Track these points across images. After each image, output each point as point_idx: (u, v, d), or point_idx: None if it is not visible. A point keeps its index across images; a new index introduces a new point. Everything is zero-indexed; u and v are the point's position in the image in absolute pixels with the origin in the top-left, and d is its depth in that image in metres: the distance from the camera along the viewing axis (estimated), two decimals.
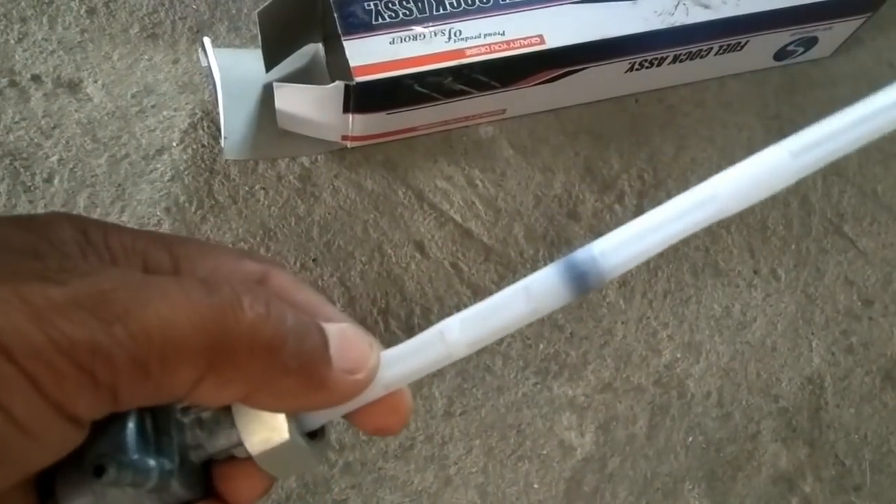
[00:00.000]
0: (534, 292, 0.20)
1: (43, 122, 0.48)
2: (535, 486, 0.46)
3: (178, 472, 0.20)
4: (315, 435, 0.23)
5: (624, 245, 0.20)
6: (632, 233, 0.20)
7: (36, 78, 0.49)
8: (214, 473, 0.22)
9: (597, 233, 0.51)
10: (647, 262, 0.51)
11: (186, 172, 0.48)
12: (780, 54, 0.56)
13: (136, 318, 0.17)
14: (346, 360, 0.20)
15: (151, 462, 0.20)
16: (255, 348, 0.18)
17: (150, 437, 0.20)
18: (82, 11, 0.51)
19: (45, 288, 0.16)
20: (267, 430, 0.20)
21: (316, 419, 0.22)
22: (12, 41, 0.49)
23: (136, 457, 0.20)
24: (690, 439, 0.49)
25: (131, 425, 0.20)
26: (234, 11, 0.53)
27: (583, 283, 0.20)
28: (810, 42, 0.55)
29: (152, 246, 0.21)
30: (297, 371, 0.19)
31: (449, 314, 0.47)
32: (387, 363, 0.21)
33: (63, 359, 0.16)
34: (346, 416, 0.22)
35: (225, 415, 0.20)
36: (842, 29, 0.55)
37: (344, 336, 0.21)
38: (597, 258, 0.20)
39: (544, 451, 0.47)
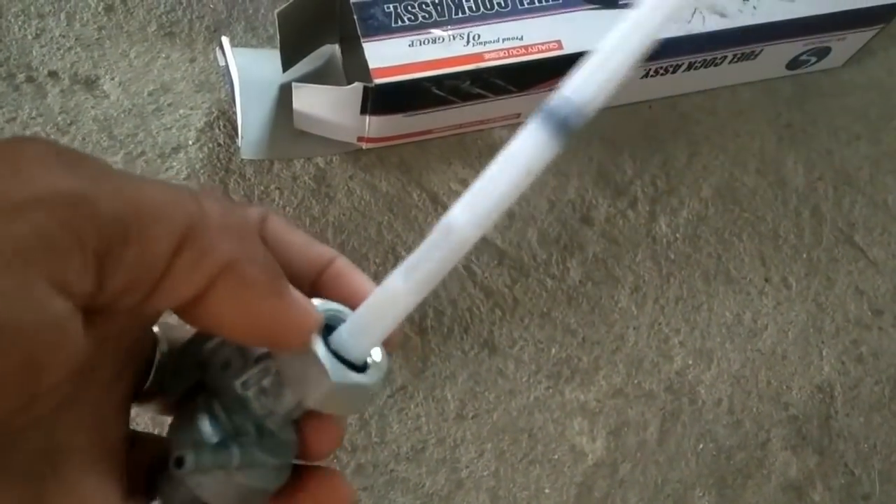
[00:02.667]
0: (523, 152, 0.20)
1: (59, 119, 0.48)
2: (547, 490, 0.46)
3: (259, 442, 0.21)
4: (365, 367, 0.23)
5: (591, 76, 0.20)
6: (594, 63, 0.20)
7: (53, 74, 0.49)
8: (299, 430, 0.22)
9: (609, 238, 0.51)
10: (660, 269, 0.51)
11: (202, 171, 0.48)
12: (793, 64, 0.56)
13: (118, 180, 0.17)
14: (300, 296, 0.21)
15: (229, 442, 0.20)
16: (225, 228, 0.19)
17: (223, 419, 0.21)
18: (100, 8, 0.51)
19: (17, 183, 0.15)
20: (312, 380, 0.20)
21: (352, 348, 0.22)
22: (30, 37, 0.50)
23: (213, 440, 0.20)
24: (701, 446, 0.49)
25: (202, 414, 0.21)
26: (251, 11, 0.53)
27: (565, 125, 0.20)
28: (823, 52, 0.56)
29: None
30: (262, 265, 0.20)
31: (462, 317, 0.48)
32: (409, 268, 0.21)
33: (47, 214, 0.15)
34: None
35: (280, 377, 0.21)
36: (855, 40, 0.55)
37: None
38: (570, 97, 0.20)
39: (556, 456, 0.47)
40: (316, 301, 0.22)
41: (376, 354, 0.23)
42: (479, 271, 0.49)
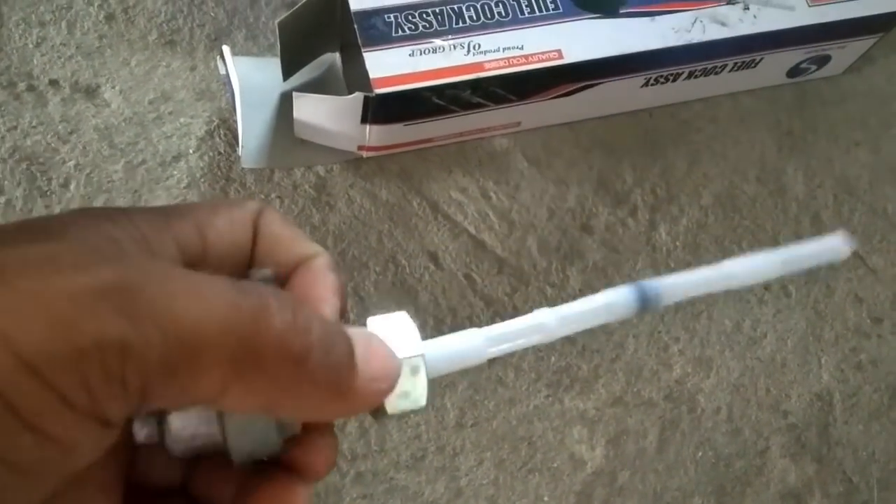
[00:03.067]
0: (612, 301, 0.26)
1: (60, 127, 0.48)
2: (546, 498, 0.47)
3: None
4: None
5: (683, 285, 0.25)
6: (689, 279, 0.25)
7: (54, 83, 0.49)
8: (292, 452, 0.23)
9: (609, 246, 0.51)
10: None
11: (203, 180, 0.48)
12: (793, 72, 0.56)
13: (166, 316, 0.16)
14: (371, 368, 0.20)
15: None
16: (282, 357, 0.18)
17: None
18: (101, 17, 0.51)
19: (63, 277, 0.15)
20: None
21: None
22: (31, 45, 0.50)
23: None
24: (700, 454, 0.49)
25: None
26: (251, 20, 0.53)
27: (646, 300, 0.25)
28: (823, 60, 0.56)
29: (176, 221, 0.21)
30: (323, 381, 0.19)
31: (462, 325, 0.48)
32: (494, 338, 0.25)
33: (93, 367, 0.15)
34: None
35: None
36: (855, 48, 0.55)
37: (369, 344, 0.21)
38: (659, 288, 0.25)
39: (555, 464, 0.47)
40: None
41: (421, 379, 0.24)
42: (479, 279, 0.50)
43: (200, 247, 0.22)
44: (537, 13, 0.48)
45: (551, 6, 0.48)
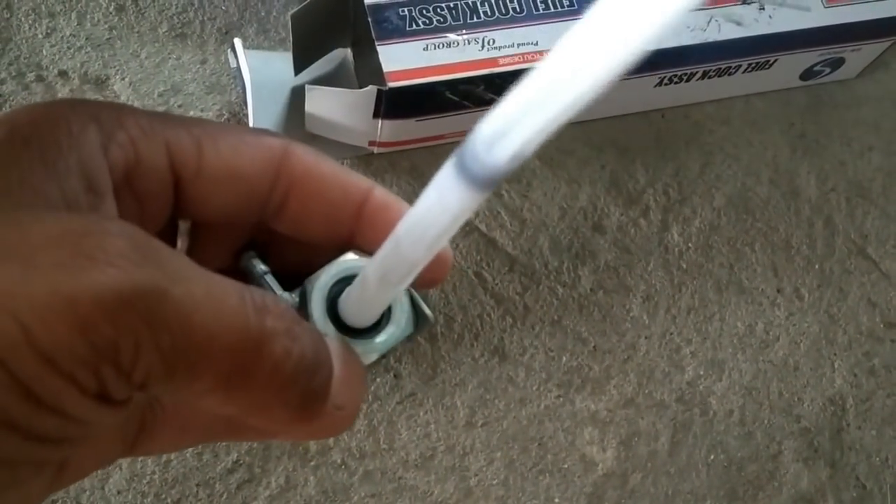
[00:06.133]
0: (444, 203, 0.17)
1: None
2: (556, 500, 0.46)
3: None
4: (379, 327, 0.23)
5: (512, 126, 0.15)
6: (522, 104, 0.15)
7: (63, 74, 0.49)
8: None
9: (621, 246, 0.51)
10: (672, 279, 0.51)
11: None
12: (807, 74, 0.56)
13: (183, 327, 0.16)
14: (340, 396, 0.20)
15: None
16: (271, 381, 0.18)
17: None
18: (111, 8, 0.51)
19: (88, 275, 0.16)
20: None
21: (351, 315, 0.22)
22: (40, 36, 0.49)
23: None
24: (712, 457, 0.48)
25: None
26: (263, 14, 0.52)
27: (480, 181, 0.16)
28: (837, 63, 0.55)
29: (171, 127, 0.20)
30: (296, 405, 0.19)
31: (472, 324, 0.47)
32: (382, 276, 0.20)
33: (107, 364, 0.16)
34: None
35: None
36: (869, 51, 0.55)
37: (346, 371, 0.21)
38: (481, 156, 0.15)
39: (565, 465, 0.47)
40: (341, 260, 0.23)
41: (400, 307, 0.23)
42: (490, 278, 0.49)
43: (195, 162, 0.21)
44: (552, 9, 0.47)
45: (566, 2, 0.47)
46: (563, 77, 0.14)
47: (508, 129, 0.15)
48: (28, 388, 0.15)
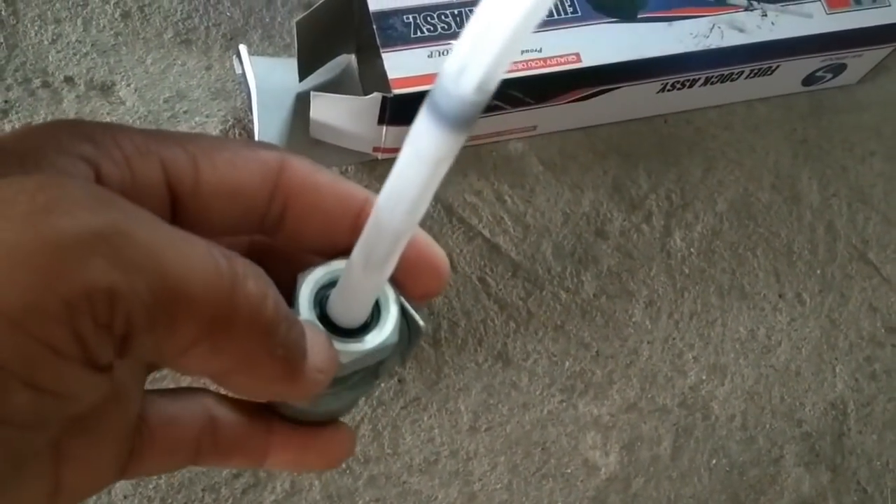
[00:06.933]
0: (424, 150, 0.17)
1: None
2: None
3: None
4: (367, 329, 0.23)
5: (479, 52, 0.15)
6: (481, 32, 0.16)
7: (69, 80, 0.49)
8: None
9: (624, 251, 0.51)
10: (674, 284, 0.51)
11: None
12: (809, 80, 0.56)
13: (155, 267, 0.16)
14: (316, 356, 0.20)
15: None
16: (252, 325, 0.18)
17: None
18: (117, 15, 0.51)
19: (47, 223, 0.15)
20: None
21: (340, 316, 0.22)
22: (46, 42, 0.49)
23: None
24: (714, 462, 0.48)
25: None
26: (267, 20, 0.53)
27: (452, 119, 0.16)
28: (839, 69, 0.56)
29: (165, 144, 0.20)
30: (281, 358, 0.19)
31: (476, 329, 0.48)
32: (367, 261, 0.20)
33: (83, 317, 0.15)
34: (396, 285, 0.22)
35: None
36: (871, 57, 0.55)
37: (313, 333, 0.21)
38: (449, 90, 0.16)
39: (568, 470, 0.47)
40: (324, 265, 0.22)
41: (388, 314, 0.22)
42: (494, 283, 0.49)
43: (191, 179, 0.20)
44: (556, 16, 0.47)
45: (570, 10, 0.48)
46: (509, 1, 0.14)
47: (470, 60, 0.15)
48: None
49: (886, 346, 0.53)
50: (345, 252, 0.23)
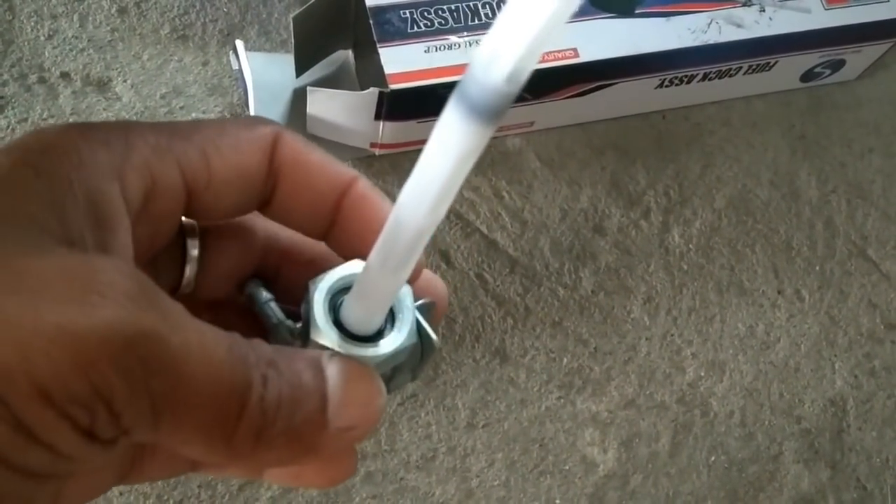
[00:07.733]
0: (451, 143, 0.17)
1: (71, 120, 0.48)
2: (557, 501, 0.46)
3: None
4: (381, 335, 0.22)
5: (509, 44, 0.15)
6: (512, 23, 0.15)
7: (65, 75, 0.49)
8: None
9: (622, 248, 0.51)
10: (672, 280, 0.51)
11: None
12: (807, 76, 0.56)
13: (177, 376, 0.17)
14: (344, 416, 0.19)
15: None
16: (247, 433, 0.18)
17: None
18: (113, 11, 0.51)
19: (89, 314, 0.16)
20: None
21: (356, 322, 0.22)
22: (42, 38, 0.49)
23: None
24: (713, 458, 0.48)
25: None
26: (264, 16, 0.53)
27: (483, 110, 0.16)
28: (838, 65, 0.56)
29: (177, 142, 0.20)
30: (284, 446, 0.19)
31: (473, 325, 0.47)
32: (384, 260, 0.20)
33: (101, 405, 0.16)
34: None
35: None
36: (870, 53, 0.55)
37: (351, 390, 0.20)
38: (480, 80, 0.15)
39: (566, 467, 0.47)
40: (346, 265, 0.22)
41: (404, 317, 0.22)
42: (491, 279, 0.49)
43: (205, 173, 0.21)
44: None
45: None
46: None
47: (501, 48, 0.15)
48: (21, 421, 0.15)
49: (886, 343, 0.53)
50: (325, 236, 0.23)
